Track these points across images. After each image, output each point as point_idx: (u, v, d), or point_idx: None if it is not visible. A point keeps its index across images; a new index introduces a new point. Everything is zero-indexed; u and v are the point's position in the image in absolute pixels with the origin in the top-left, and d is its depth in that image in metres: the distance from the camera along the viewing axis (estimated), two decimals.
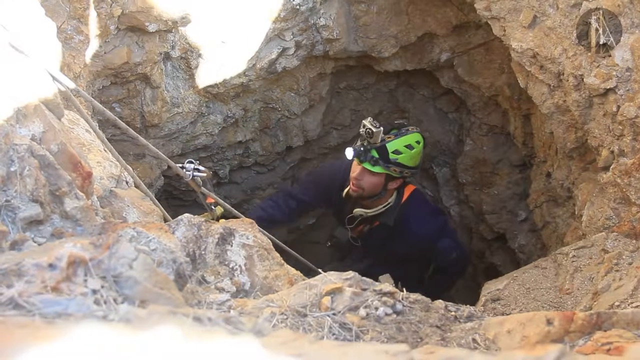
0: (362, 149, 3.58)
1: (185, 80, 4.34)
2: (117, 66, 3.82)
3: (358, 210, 3.96)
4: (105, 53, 3.76)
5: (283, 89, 5.01)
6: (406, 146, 3.65)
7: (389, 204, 3.91)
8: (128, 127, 2.29)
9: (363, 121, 3.57)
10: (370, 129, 3.51)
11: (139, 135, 2.37)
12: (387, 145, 3.60)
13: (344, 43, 4.60)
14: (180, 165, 2.95)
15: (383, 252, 4.10)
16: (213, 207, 3.23)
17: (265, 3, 4.16)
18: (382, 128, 3.53)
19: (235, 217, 2.93)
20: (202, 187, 3.03)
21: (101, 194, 2.23)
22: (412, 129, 3.73)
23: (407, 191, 4.01)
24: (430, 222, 4.02)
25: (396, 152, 3.62)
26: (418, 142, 3.71)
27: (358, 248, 4.22)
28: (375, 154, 3.60)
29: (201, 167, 3.05)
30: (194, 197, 5.20)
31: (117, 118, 2.24)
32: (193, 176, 2.97)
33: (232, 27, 4.17)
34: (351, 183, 3.78)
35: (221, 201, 3.08)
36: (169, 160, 2.71)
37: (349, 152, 3.61)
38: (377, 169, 3.65)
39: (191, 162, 3.01)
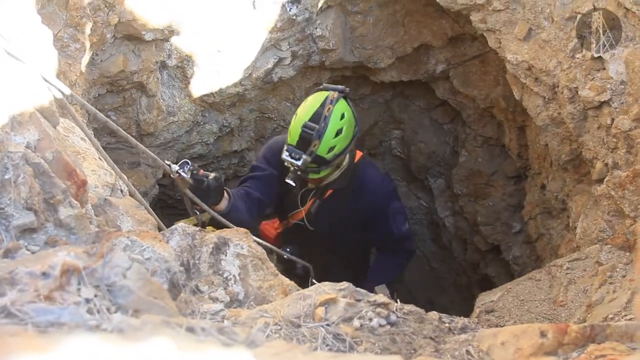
0: (298, 174, 3.28)
1: (181, 89, 4.34)
2: (113, 74, 3.83)
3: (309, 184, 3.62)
4: (101, 61, 3.76)
5: (279, 99, 5.02)
6: (336, 135, 3.24)
7: (343, 167, 3.54)
8: (119, 127, 2.28)
9: (284, 155, 3.23)
10: (296, 166, 3.21)
11: (129, 135, 2.36)
12: (318, 152, 3.21)
13: (340, 53, 4.62)
14: (167, 163, 2.77)
15: (333, 228, 3.73)
16: (197, 212, 3.04)
17: (262, 13, 4.17)
18: (303, 159, 3.17)
19: (221, 223, 2.91)
20: (187, 190, 2.90)
21: (96, 202, 2.22)
22: (328, 108, 3.22)
23: (358, 154, 3.69)
24: (384, 181, 3.76)
25: (330, 149, 3.25)
26: (343, 117, 3.27)
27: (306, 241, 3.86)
28: (313, 165, 3.26)
29: (183, 175, 2.80)
30: None
31: (107, 119, 2.24)
32: (182, 177, 2.85)
33: (229, 36, 4.18)
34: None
35: (206, 207, 2.96)
36: (153, 155, 2.58)
37: (292, 183, 3.30)
38: (324, 172, 3.38)
39: (187, 164, 2.90)
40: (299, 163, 3.18)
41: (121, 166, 3.92)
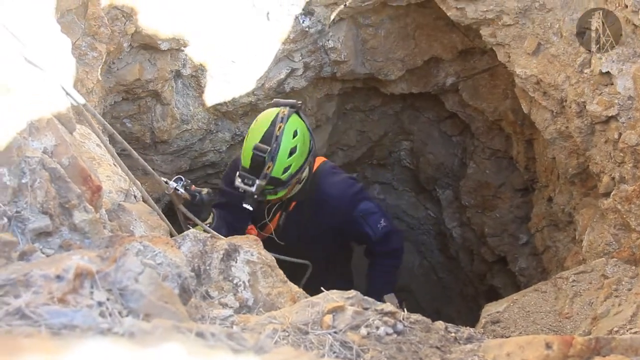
0: (255, 197, 3.11)
1: (195, 97, 4.36)
2: (129, 82, 3.85)
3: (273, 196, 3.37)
4: (118, 69, 3.79)
5: None
6: (290, 155, 3.10)
7: (303, 179, 3.37)
8: (123, 140, 2.29)
9: (237, 177, 3.09)
10: (249, 191, 3.07)
11: (131, 149, 2.37)
12: (273, 174, 3.08)
13: (351, 65, 4.63)
14: (164, 180, 2.82)
15: (302, 240, 3.59)
16: (190, 227, 2.90)
17: (276, 24, 4.19)
18: (256, 184, 3.04)
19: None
20: (181, 205, 2.87)
21: (110, 207, 2.23)
22: (279, 127, 3.07)
23: (317, 161, 3.52)
24: (344, 183, 3.54)
25: (285, 170, 3.11)
26: (296, 134, 3.13)
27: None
28: (269, 187, 3.13)
29: (180, 190, 2.87)
30: None
31: (114, 131, 2.25)
32: (176, 192, 2.83)
33: (242, 47, 4.20)
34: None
35: (199, 222, 2.93)
36: (150, 169, 2.57)
37: (249, 206, 3.13)
38: (282, 193, 3.23)
39: (180, 179, 2.88)
40: (253, 189, 3.04)
41: (135, 172, 3.93)
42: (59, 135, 1.70)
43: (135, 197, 2.60)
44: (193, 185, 2.96)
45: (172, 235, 2.57)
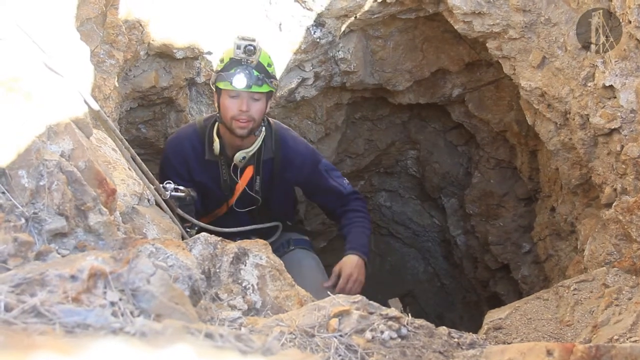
0: (248, 72, 3.01)
1: (208, 105, 4.38)
2: (144, 89, 3.87)
3: (240, 154, 3.25)
4: (134, 77, 3.81)
5: (301, 117, 5.04)
6: (269, 56, 3.18)
7: (263, 134, 3.31)
8: (129, 146, 2.30)
9: (236, 41, 3.02)
10: (252, 45, 2.99)
11: (136, 155, 2.38)
12: (261, 59, 3.06)
13: (360, 76, 4.63)
14: (162, 185, 2.80)
15: (270, 198, 3.49)
16: (188, 230, 2.90)
17: (288, 35, 4.20)
18: (254, 54, 3.02)
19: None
20: (179, 209, 2.85)
21: (124, 210, 2.24)
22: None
23: (271, 120, 3.46)
24: (303, 142, 3.57)
25: (269, 65, 3.12)
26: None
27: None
28: (257, 73, 3.04)
29: (181, 187, 2.92)
30: None
31: (122, 137, 2.26)
32: (171, 196, 2.80)
33: None
34: (235, 121, 3.11)
35: (196, 221, 2.93)
36: (149, 173, 2.54)
37: (242, 81, 3.01)
38: (264, 88, 3.09)
39: (170, 183, 2.86)
40: (254, 53, 3.00)
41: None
42: (76, 140, 1.71)
43: (148, 200, 2.61)
44: (180, 187, 2.95)
45: (183, 238, 2.57)
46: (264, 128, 3.31)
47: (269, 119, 3.44)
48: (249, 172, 3.39)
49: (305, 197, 3.89)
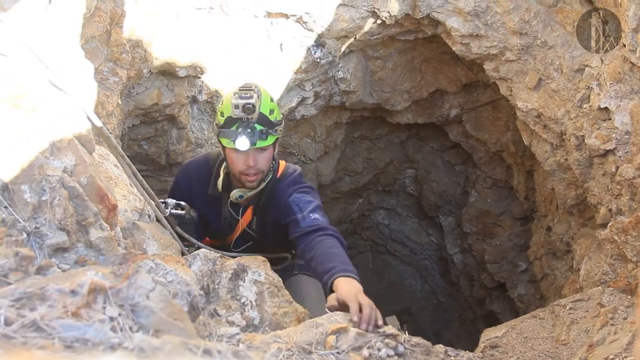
0: (250, 131, 2.78)
1: (209, 122, 4.39)
2: (147, 107, 3.88)
3: (236, 192, 3.03)
4: (137, 94, 3.82)
5: (300, 135, 5.05)
6: (271, 100, 2.91)
7: (270, 177, 3.09)
8: (131, 163, 2.30)
9: (233, 100, 2.74)
10: (250, 104, 2.74)
11: (137, 172, 2.37)
12: (262, 111, 2.81)
13: (359, 95, 4.65)
14: (162, 200, 2.74)
15: (266, 238, 3.22)
16: (187, 248, 2.82)
17: (289, 55, 4.22)
18: (255, 110, 2.76)
19: None
20: (178, 227, 2.81)
21: (124, 225, 2.23)
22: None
23: (281, 166, 3.20)
24: (294, 179, 3.12)
25: (271, 111, 2.86)
26: (272, 99, 2.95)
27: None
28: (259, 127, 2.81)
29: (182, 203, 2.90)
30: None
31: (123, 153, 2.26)
32: (171, 213, 2.77)
33: (256, 75, 4.22)
34: (244, 175, 2.93)
35: (194, 240, 2.89)
36: (150, 189, 2.50)
37: (244, 143, 2.77)
38: (269, 141, 2.88)
39: (165, 202, 2.82)
40: (255, 110, 2.75)
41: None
42: (78, 155, 1.71)
43: (149, 216, 2.60)
44: (182, 203, 2.94)
45: (183, 254, 2.56)
46: (271, 172, 3.10)
47: (281, 161, 3.25)
48: (250, 212, 3.22)
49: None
